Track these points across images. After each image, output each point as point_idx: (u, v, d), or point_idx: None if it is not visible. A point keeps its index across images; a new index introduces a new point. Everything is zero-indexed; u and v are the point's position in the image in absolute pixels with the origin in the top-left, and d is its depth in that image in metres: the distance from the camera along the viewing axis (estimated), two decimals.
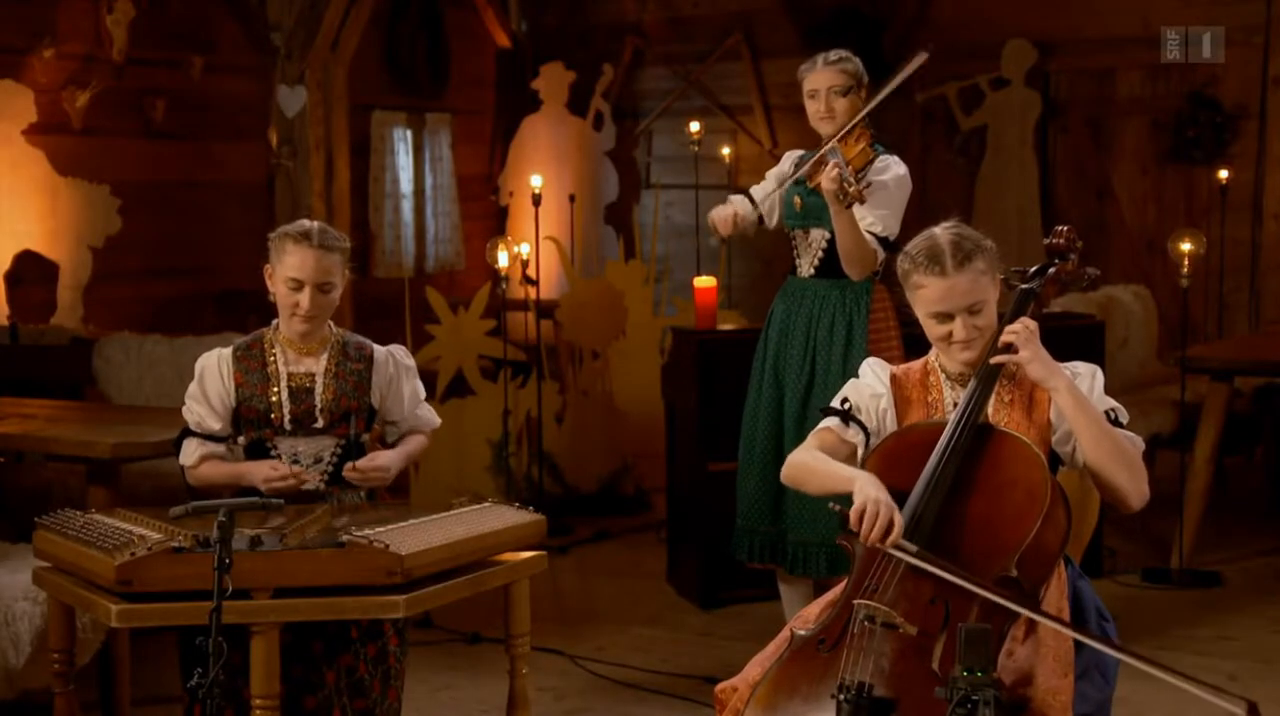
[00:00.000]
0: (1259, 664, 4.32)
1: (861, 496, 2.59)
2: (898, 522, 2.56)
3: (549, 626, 4.66)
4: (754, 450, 4.12)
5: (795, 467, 2.84)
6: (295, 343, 3.31)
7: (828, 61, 4.01)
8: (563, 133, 8.64)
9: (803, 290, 4.12)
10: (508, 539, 3.15)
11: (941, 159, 8.39)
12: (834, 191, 3.76)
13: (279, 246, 3.26)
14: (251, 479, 3.20)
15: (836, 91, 3.98)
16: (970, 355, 2.75)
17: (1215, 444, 5.36)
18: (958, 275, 2.70)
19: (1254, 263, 7.54)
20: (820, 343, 4.05)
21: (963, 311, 2.72)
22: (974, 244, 2.74)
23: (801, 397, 4.04)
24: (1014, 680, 2.52)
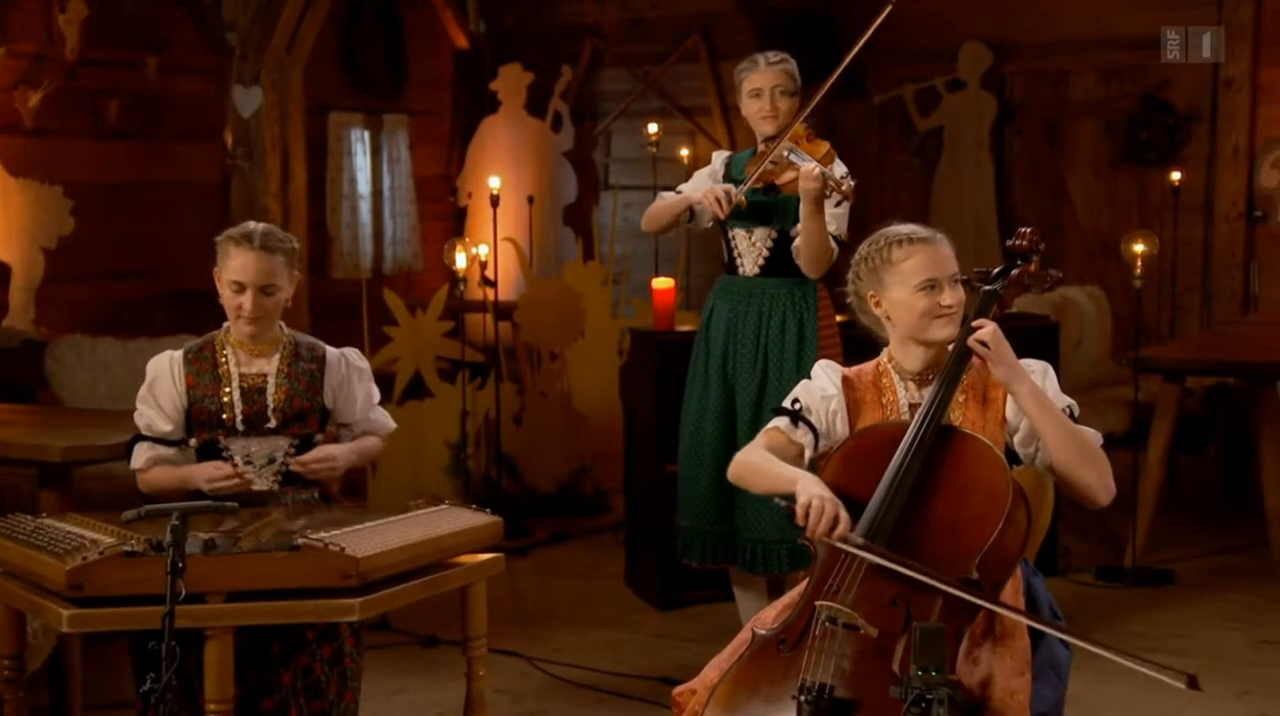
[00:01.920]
0: (1211, 660, 4.36)
1: (805, 494, 2.61)
2: (843, 517, 2.58)
3: (507, 628, 4.65)
4: (703, 451, 4.11)
5: (742, 467, 2.85)
6: (246, 344, 3.30)
7: (770, 62, 4.03)
8: (521, 134, 8.63)
9: (749, 289, 4.11)
10: (465, 541, 3.14)
11: (898, 160, 8.44)
12: (815, 190, 3.77)
13: (223, 249, 3.26)
14: (195, 481, 3.19)
15: (781, 91, 4.00)
16: (952, 330, 2.77)
17: (1168, 443, 5.42)
18: (938, 244, 2.78)
19: (1206, 263, 7.62)
20: (772, 342, 4.06)
21: (948, 278, 2.76)
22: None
23: (755, 398, 4.04)
24: (972, 680, 2.54)
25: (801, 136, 3.96)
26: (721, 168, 4.19)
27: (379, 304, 6.18)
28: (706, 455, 4.10)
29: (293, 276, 3.31)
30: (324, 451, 3.28)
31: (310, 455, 3.26)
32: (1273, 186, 7.45)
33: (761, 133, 4.05)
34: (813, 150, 3.91)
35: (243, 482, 3.19)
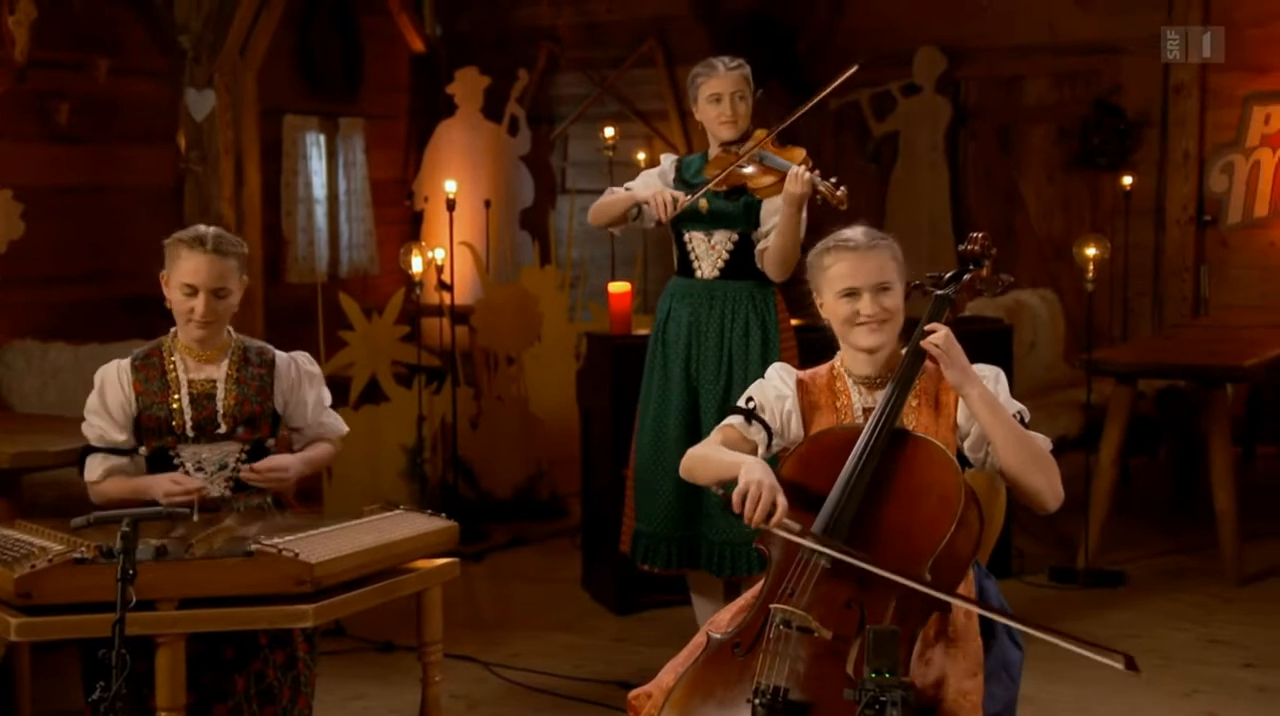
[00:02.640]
0: (1161, 660, 4.41)
1: (745, 479, 2.62)
2: (780, 504, 2.59)
3: (463, 633, 4.63)
4: (664, 456, 4.09)
5: (691, 458, 2.88)
6: (194, 349, 3.28)
7: (729, 67, 4.05)
8: (478, 138, 8.62)
9: (710, 292, 4.11)
10: (419, 546, 3.14)
11: (854, 165, 8.47)
12: (801, 196, 3.79)
13: (173, 252, 3.24)
14: (152, 492, 3.16)
15: (739, 96, 4.03)
16: (876, 339, 2.79)
17: (1120, 445, 5.46)
18: (869, 252, 2.79)
19: (1157, 267, 7.70)
20: (736, 345, 4.07)
21: (871, 288, 2.77)
22: (884, 236, 2.84)
23: (720, 401, 4.04)
24: (925, 682, 2.55)
25: (771, 142, 3.98)
26: (672, 169, 4.19)
27: (334, 308, 6.16)
28: (668, 460, 4.07)
29: (242, 281, 3.30)
30: (276, 461, 3.26)
31: (262, 464, 3.24)
32: (1222, 191, 7.54)
33: (719, 137, 4.06)
34: (790, 155, 3.94)
35: (201, 496, 3.16)
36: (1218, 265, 7.58)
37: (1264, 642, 4.60)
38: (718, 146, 4.09)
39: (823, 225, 2.92)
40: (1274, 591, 5.16)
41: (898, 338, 2.85)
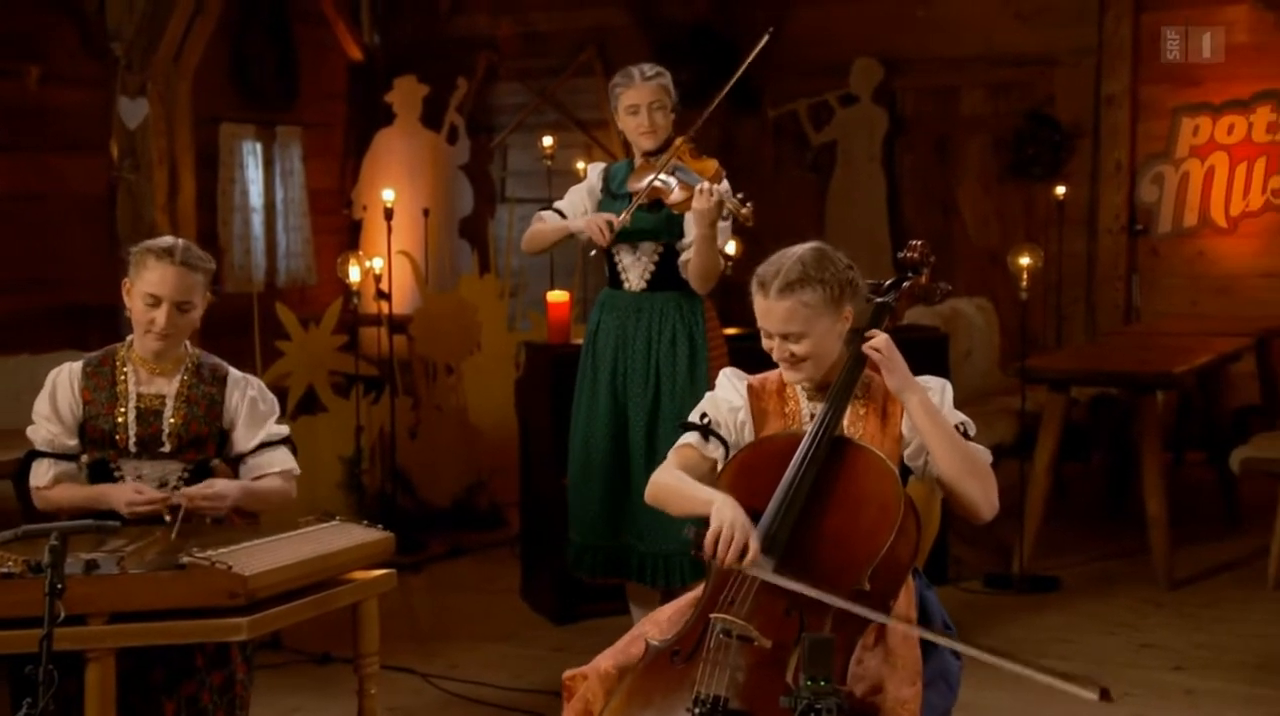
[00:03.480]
0: (1093, 664, 4.46)
1: (717, 520, 2.60)
2: (753, 547, 2.57)
3: (401, 644, 4.61)
4: (593, 466, 4.11)
5: (658, 488, 2.84)
6: (148, 361, 3.22)
7: (646, 76, 4.04)
8: (416, 146, 8.59)
9: (637, 304, 4.12)
10: (356, 557, 3.11)
11: (793, 174, 8.53)
12: (711, 212, 3.78)
13: (140, 261, 3.18)
14: (112, 502, 3.10)
15: (657, 107, 4.02)
16: (791, 376, 2.81)
17: (1054, 452, 5.53)
18: (776, 301, 2.74)
19: (1090, 275, 7.81)
20: (663, 356, 4.07)
21: (778, 335, 2.77)
22: (811, 277, 2.74)
23: (648, 411, 4.06)
24: (864, 689, 2.56)
25: (686, 152, 3.98)
26: (599, 180, 4.20)
27: (271, 318, 6.11)
28: (596, 470, 4.10)
29: (206, 296, 3.25)
30: (214, 488, 3.15)
31: (195, 489, 3.15)
32: (1153, 201, 7.66)
33: (640, 148, 4.07)
34: (702, 169, 3.93)
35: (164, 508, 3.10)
36: (1149, 274, 7.70)
37: (1193, 646, 4.66)
38: (641, 156, 4.09)
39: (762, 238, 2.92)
40: (1204, 595, 5.24)
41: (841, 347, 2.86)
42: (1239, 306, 7.37)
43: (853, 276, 2.81)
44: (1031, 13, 7.81)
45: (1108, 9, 7.60)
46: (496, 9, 8.87)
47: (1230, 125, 7.44)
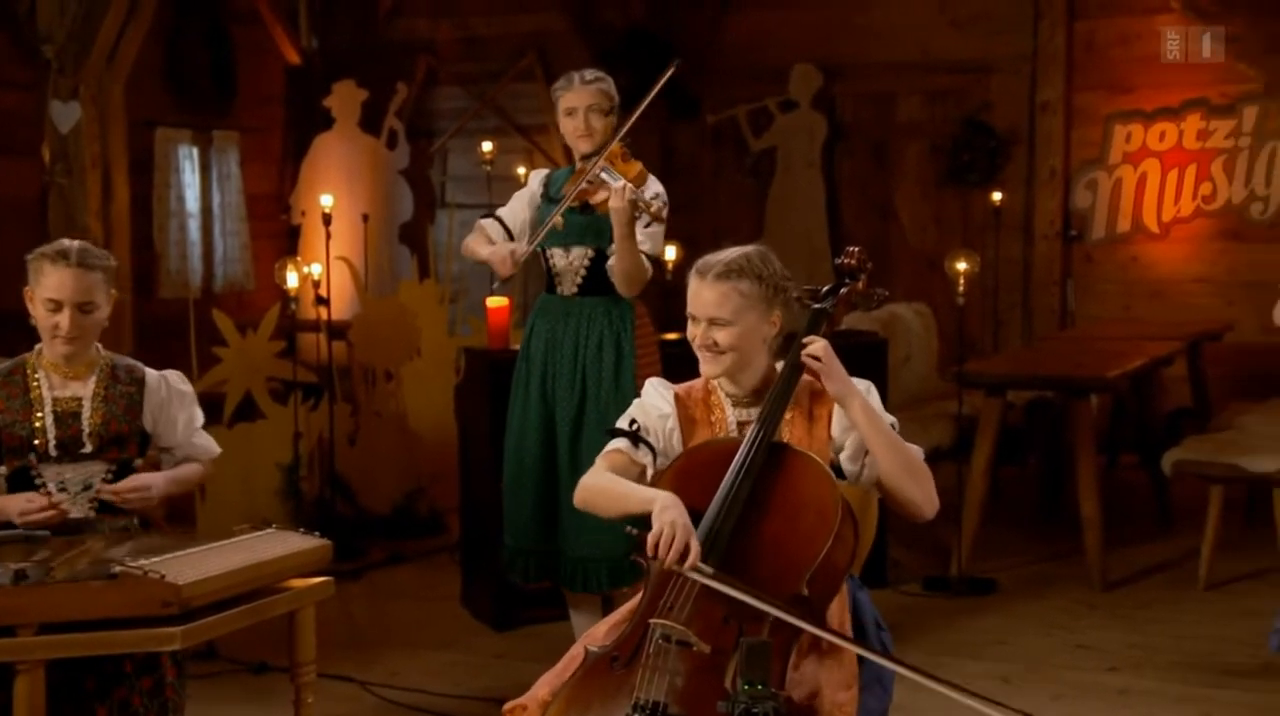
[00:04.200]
0: (1029, 666, 4.51)
1: (660, 520, 2.60)
2: (694, 547, 2.58)
3: (340, 652, 4.58)
4: (525, 471, 4.13)
5: (588, 491, 2.83)
6: (60, 366, 3.19)
7: (585, 80, 4.07)
8: (356, 151, 8.54)
9: (567, 308, 4.14)
10: (292, 565, 3.09)
11: (732, 180, 8.56)
12: (624, 211, 3.80)
13: (37, 267, 3.16)
14: (6, 513, 3.07)
15: (595, 111, 4.04)
16: (708, 368, 2.83)
17: (990, 455, 5.58)
18: (712, 284, 2.78)
19: (1026, 280, 7.89)
20: (590, 361, 4.09)
21: (705, 319, 2.79)
22: (752, 270, 2.79)
23: (574, 416, 4.07)
24: (801, 694, 2.57)
25: (617, 156, 4.00)
26: (540, 187, 4.22)
27: (208, 324, 6.05)
28: (528, 475, 4.12)
29: (110, 295, 3.23)
30: (138, 480, 3.17)
31: (123, 484, 3.16)
32: (1087, 207, 7.76)
33: (578, 151, 4.10)
34: (625, 170, 3.96)
35: (58, 514, 3.07)
36: (1083, 279, 7.80)
37: (1126, 646, 4.73)
38: (580, 160, 4.12)
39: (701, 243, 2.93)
40: (1137, 596, 5.31)
41: (771, 352, 2.88)
42: (1171, 311, 7.48)
43: (788, 286, 2.84)
44: (967, 20, 7.89)
45: (1042, 17, 7.70)
46: (435, 13, 8.84)
47: (1161, 132, 7.55)
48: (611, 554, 3.91)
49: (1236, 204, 7.43)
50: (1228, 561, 5.45)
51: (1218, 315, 7.21)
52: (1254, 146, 7.37)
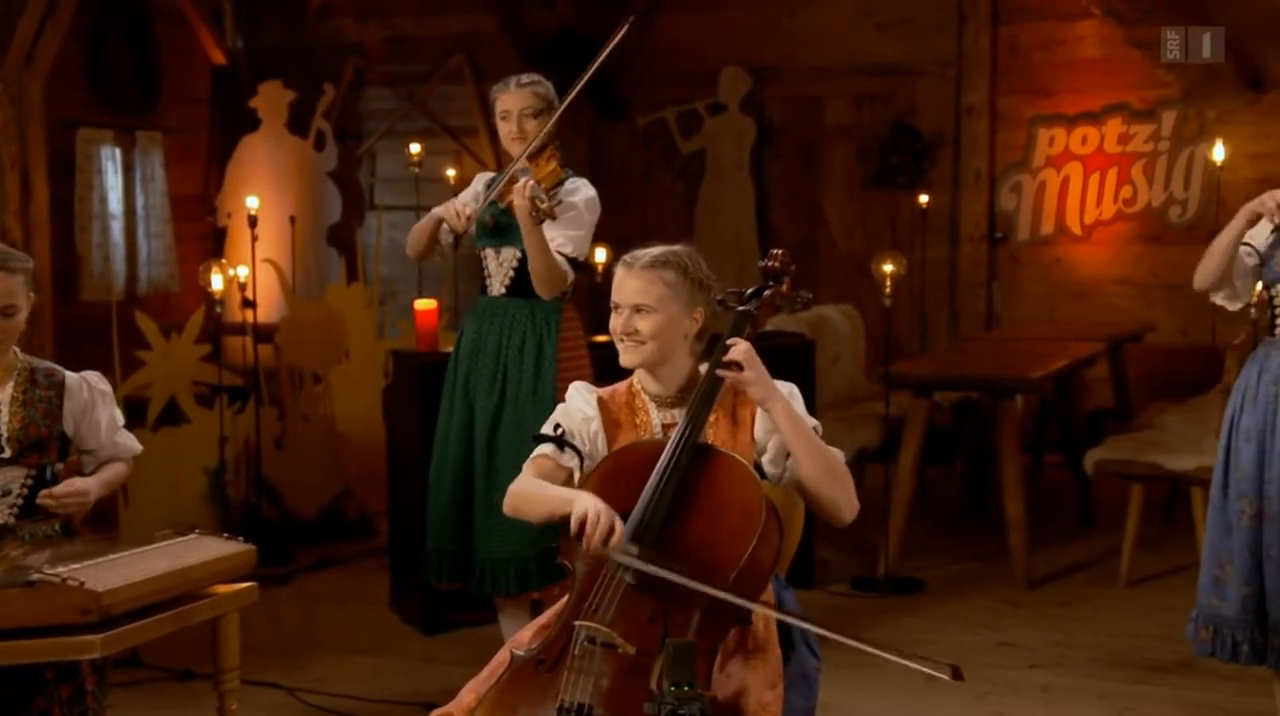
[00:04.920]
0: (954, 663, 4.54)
1: (582, 507, 2.63)
2: (619, 528, 2.60)
3: (266, 659, 4.54)
4: (445, 470, 4.14)
5: (515, 497, 2.84)
6: None
7: (520, 84, 4.08)
8: (282, 153, 8.46)
9: (493, 309, 4.15)
10: (215, 570, 3.06)
11: (662, 182, 8.58)
12: (525, 208, 3.82)
13: None
14: None
15: (528, 113, 4.05)
16: (627, 358, 2.84)
17: (917, 456, 5.63)
18: (639, 272, 2.81)
19: (952, 282, 7.98)
20: (511, 362, 4.09)
21: (629, 306, 2.81)
22: (678, 262, 2.83)
23: (492, 417, 4.07)
24: (727, 694, 2.59)
25: (543, 158, 4.02)
26: (483, 189, 4.23)
27: (131, 327, 5.97)
28: (448, 475, 4.13)
29: (29, 297, 3.18)
30: (75, 485, 3.15)
31: (60, 489, 3.13)
32: (1011, 209, 7.85)
33: (514, 153, 4.11)
34: (539, 170, 3.99)
35: None
36: (1008, 280, 7.89)
37: (1049, 644, 4.79)
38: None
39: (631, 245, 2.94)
40: (1060, 594, 5.38)
41: (694, 355, 2.89)
42: (1093, 312, 7.59)
43: (711, 284, 2.88)
44: (893, 24, 7.96)
45: (966, 21, 7.79)
46: (363, 14, 8.79)
47: (1084, 136, 7.67)
48: (520, 555, 3.92)
49: (1156, 207, 7.56)
50: (1148, 559, 5.54)
51: (1138, 316, 7.33)
52: (1173, 151, 7.50)
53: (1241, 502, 3.49)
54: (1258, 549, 3.46)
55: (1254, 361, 3.55)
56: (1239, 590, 3.47)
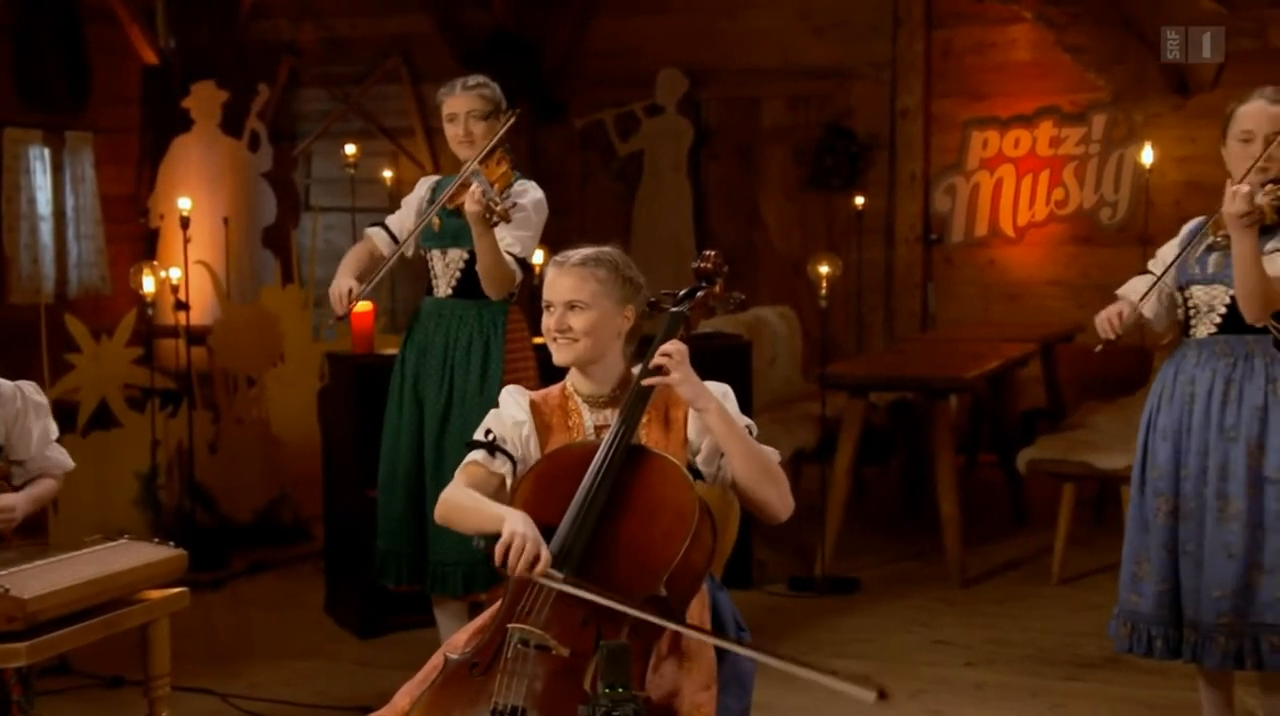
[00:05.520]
0: (890, 662, 4.60)
1: (509, 531, 2.61)
2: (544, 556, 2.59)
3: (199, 665, 4.49)
4: (397, 472, 4.14)
5: (447, 506, 2.84)
6: None
7: (466, 86, 4.10)
8: (216, 153, 8.38)
9: (440, 310, 4.16)
10: (145, 576, 3.04)
11: (600, 184, 8.58)
12: (478, 212, 3.82)
13: None
14: None
15: (475, 116, 4.06)
16: (560, 356, 2.84)
17: (853, 456, 5.66)
18: (570, 270, 2.82)
19: (888, 283, 8.04)
20: (458, 363, 4.11)
21: (562, 304, 2.82)
22: (609, 261, 2.84)
23: (440, 418, 4.08)
24: (661, 695, 2.59)
25: (493, 160, 4.02)
26: (427, 193, 4.25)
27: (61, 330, 5.89)
28: (400, 477, 4.13)
29: None
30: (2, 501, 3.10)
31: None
32: (946, 211, 7.93)
33: (461, 156, 4.12)
34: (490, 173, 3.99)
35: None
36: (943, 282, 7.96)
37: (983, 642, 4.84)
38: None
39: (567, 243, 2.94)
40: (993, 592, 5.44)
41: (626, 357, 2.90)
42: (1026, 313, 7.68)
43: (642, 284, 2.90)
44: (829, 27, 8.01)
45: (901, 25, 7.85)
46: (298, 14, 8.72)
47: (1016, 139, 7.76)
48: (468, 558, 3.91)
49: (1087, 209, 7.66)
50: (1079, 557, 5.61)
51: (1070, 317, 7.41)
52: (1103, 153, 7.60)
53: (1158, 500, 3.54)
54: (1174, 546, 3.51)
55: (1171, 362, 3.61)
56: (1155, 586, 3.53)
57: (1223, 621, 3.43)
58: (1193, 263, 3.54)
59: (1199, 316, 3.54)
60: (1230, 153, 3.50)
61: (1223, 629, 3.43)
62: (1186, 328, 3.58)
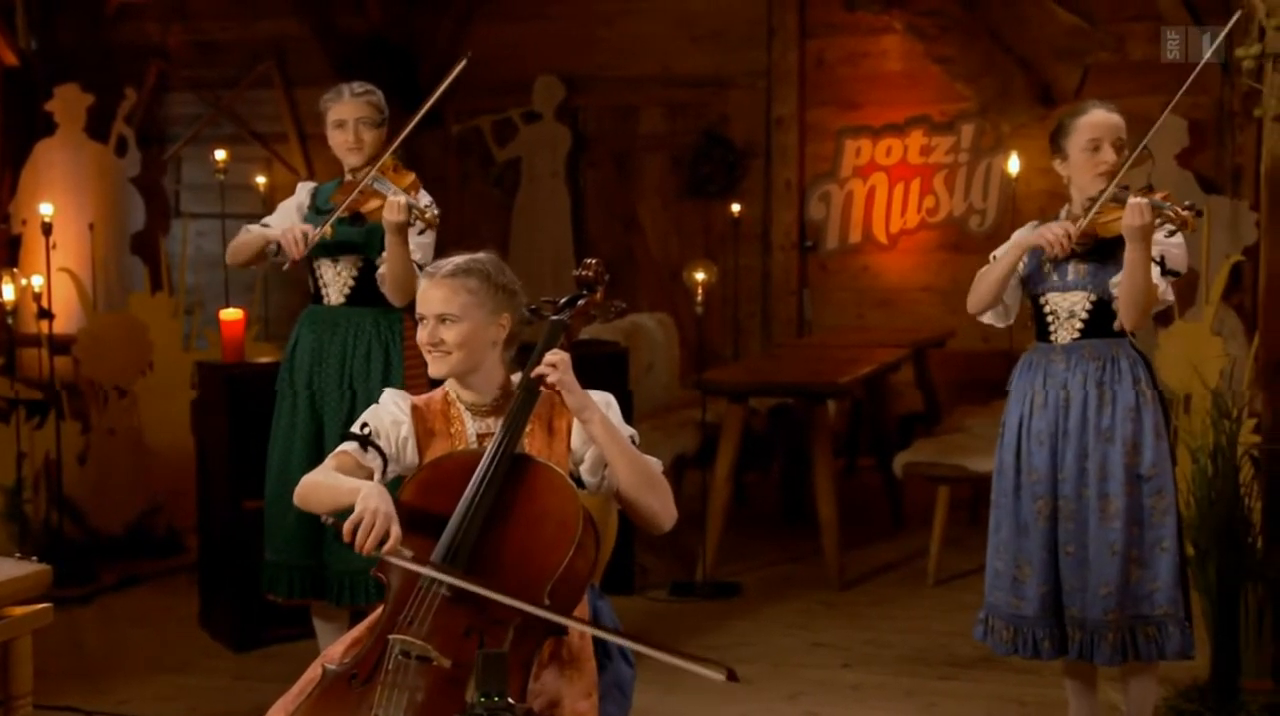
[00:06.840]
0: (772, 665, 4.64)
1: (360, 506, 2.60)
2: (394, 532, 2.57)
3: (66, 682, 4.37)
4: (290, 484, 4.01)
5: (305, 487, 2.81)
6: None
7: (355, 93, 4.06)
8: (81, 158, 8.17)
9: (334, 318, 4.12)
10: (7, 592, 2.96)
11: (478, 190, 8.55)
12: (401, 221, 3.80)
13: None
14: None
15: (365, 123, 4.04)
16: (435, 368, 2.83)
17: (733, 462, 5.70)
18: (440, 282, 2.81)
19: (765, 290, 8.12)
20: (358, 372, 4.08)
21: (433, 317, 2.80)
22: (480, 269, 2.82)
23: (343, 427, 4.02)
24: (542, 704, 2.59)
25: (389, 167, 4.01)
26: (307, 198, 4.20)
27: None
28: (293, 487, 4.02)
29: None
30: None
31: None
32: (821, 218, 8.03)
33: (348, 164, 4.09)
34: (399, 180, 3.97)
35: None
36: (819, 288, 8.07)
37: (861, 643, 4.91)
38: (349, 172, 4.10)
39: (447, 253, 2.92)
40: (871, 594, 5.52)
41: (505, 364, 2.88)
42: (899, 318, 7.81)
43: (517, 290, 2.88)
44: (705, 36, 8.08)
45: (775, 35, 7.94)
46: (166, 16, 8.55)
47: (888, 148, 7.90)
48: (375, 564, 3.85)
49: (957, 216, 7.82)
50: (954, 558, 5.71)
51: (942, 323, 7.55)
52: (972, 162, 7.77)
53: (1036, 504, 3.62)
54: (1054, 547, 3.60)
55: (1032, 368, 3.68)
56: (1038, 589, 3.60)
57: (1109, 617, 3.52)
58: (1048, 270, 3.63)
59: (1058, 322, 3.63)
60: (1073, 163, 3.60)
61: (1110, 624, 3.52)
62: (1045, 333, 3.67)
